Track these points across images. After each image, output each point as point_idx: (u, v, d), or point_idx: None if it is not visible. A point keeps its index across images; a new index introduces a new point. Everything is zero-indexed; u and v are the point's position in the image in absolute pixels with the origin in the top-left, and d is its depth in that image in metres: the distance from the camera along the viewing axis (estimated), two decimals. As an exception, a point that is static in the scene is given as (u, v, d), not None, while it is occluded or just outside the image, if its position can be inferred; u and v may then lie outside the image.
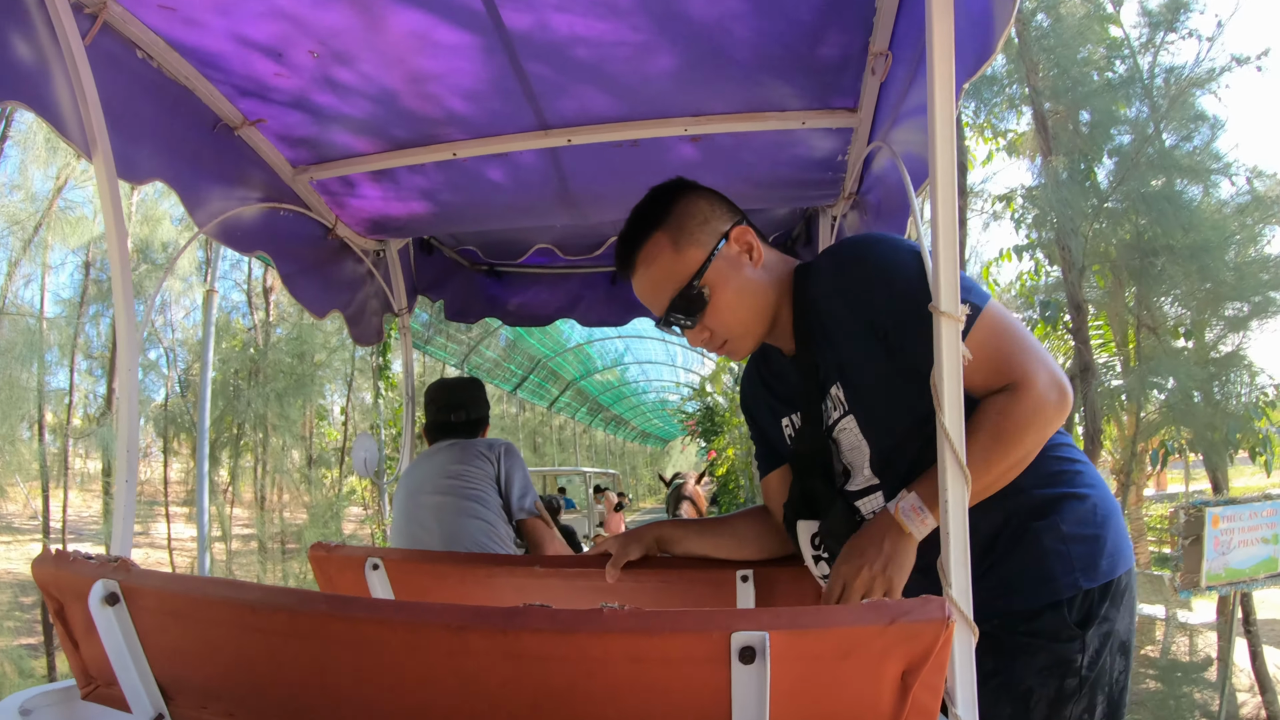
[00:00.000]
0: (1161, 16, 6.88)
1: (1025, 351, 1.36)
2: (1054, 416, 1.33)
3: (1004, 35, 1.32)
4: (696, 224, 1.55)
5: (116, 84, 1.73)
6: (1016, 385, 1.33)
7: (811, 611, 0.97)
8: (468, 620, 0.94)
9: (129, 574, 1.21)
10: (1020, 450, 1.31)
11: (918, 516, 1.30)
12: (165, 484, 12.02)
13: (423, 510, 2.78)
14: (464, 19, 1.73)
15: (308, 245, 2.67)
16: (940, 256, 1.24)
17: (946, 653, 0.97)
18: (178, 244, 10.27)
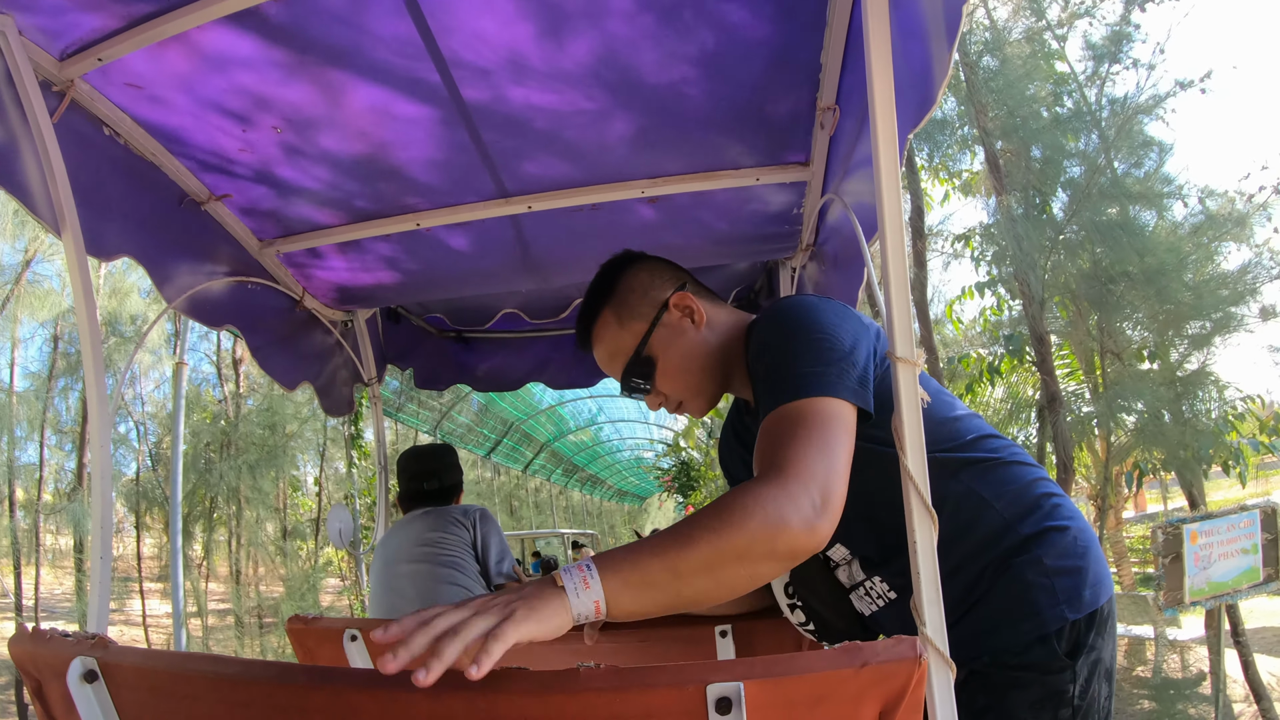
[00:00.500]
0: (1105, 48, 7.07)
1: (811, 446, 1.17)
2: (793, 523, 1.07)
3: (943, 85, 1.35)
4: (637, 297, 1.60)
5: (84, 161, 1.76)
6: (776, 475, 1.12)
7: (784, 659, 0.97)
8: (446, 686, 0.94)
9: (107, 650, 1.19)
10: (733, 538, 1.05)
11: (580, 574, 1.03)
12: (139, 560, 11.79)
13: (400, 579, 2.76)
14: (422, 93, 1.78)
15: (276, 318, 2.68)
16: (893, 304, 1.27)
17: (921, 691, 0.97)
18: (146, 316, 10.21)
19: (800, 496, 1.09)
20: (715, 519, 1.06)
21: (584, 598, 1.01)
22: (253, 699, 1.07)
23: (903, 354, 1.25)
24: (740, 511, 1.06)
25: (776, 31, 1.69)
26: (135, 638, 11.15)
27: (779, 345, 1.34)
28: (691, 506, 16.06)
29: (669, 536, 1.06)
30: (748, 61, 1.77)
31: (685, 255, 2.67)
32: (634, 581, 1.03)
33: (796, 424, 1.20)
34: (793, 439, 1.18)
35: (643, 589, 1.04)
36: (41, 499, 10.34)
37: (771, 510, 1.06)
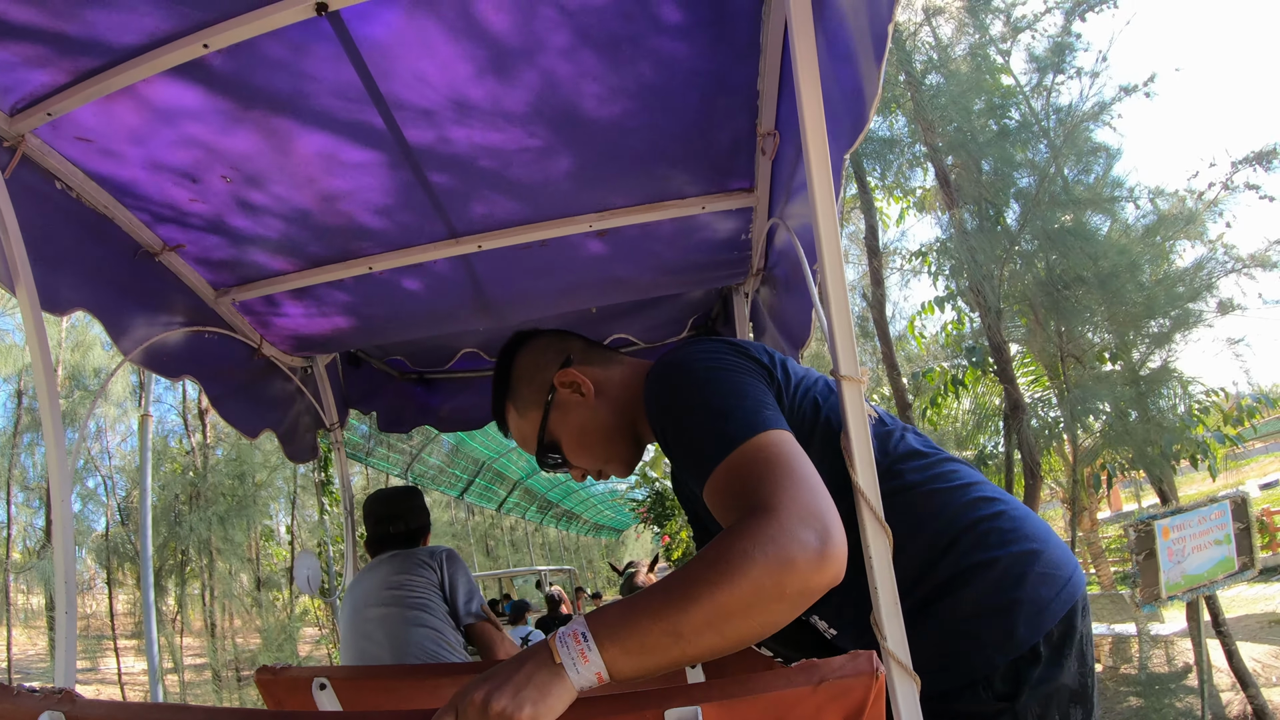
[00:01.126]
0: (1048, 60, 7.18)
1: (779, 480, 1.09)
2: (803, 561, 0.99)
3: (874, 104, 1.36)
4: (526, 385, 1.61)
5: (37, 215, 1.77)
6: (763, 516, 1.03)
7: (741, 681, 0.98)
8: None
9: (74, 705, 1.18)
10: (736, 588, 0.97)
11: (576, 646, 0.98)
12: (112, 616, 11.58)
13: (369, 624, 2.74)
14: (367, 137, 1.80)
15: (234, 366, 2.67)
16: (835, 325, 1.28)
17: (881, 705, 0.97)
18: (109, 369, 10.09)
19: (799, 530, 1.00)
20: (711, 570, 0.99)
21: (584, 672, 0.98)
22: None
23: (846, 372, 1.27)
24: (740, 558, 0.98)
25: (713, 60, 1.71)
26: (112, 695, 10.92)
27: (684, 407, 1.30)
28: (668, 537, 16.00)
29: (664, 594, 1.00)
30: (686, 92, 1.79)
31: (637, 286, 2.73)
32: (633, 649, 0.98)
33: (754, 465, 1.14)
34: (761, 479, 1.10)
35: (644, 655, 0.98)
36: (10, 558, 10.14)
37: (773, 551, 0.98)
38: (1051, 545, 1.35)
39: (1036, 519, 1.40)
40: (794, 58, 1.31)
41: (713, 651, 0.99)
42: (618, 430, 1.57)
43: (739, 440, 1.17)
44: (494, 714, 0.93)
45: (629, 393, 1.57)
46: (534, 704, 0.94)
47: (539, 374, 1.59)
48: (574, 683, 0.98)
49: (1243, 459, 21.89)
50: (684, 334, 3.42)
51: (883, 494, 1.23)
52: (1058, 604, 1.29)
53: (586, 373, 1.57)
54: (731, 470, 1.15)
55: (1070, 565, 1.35)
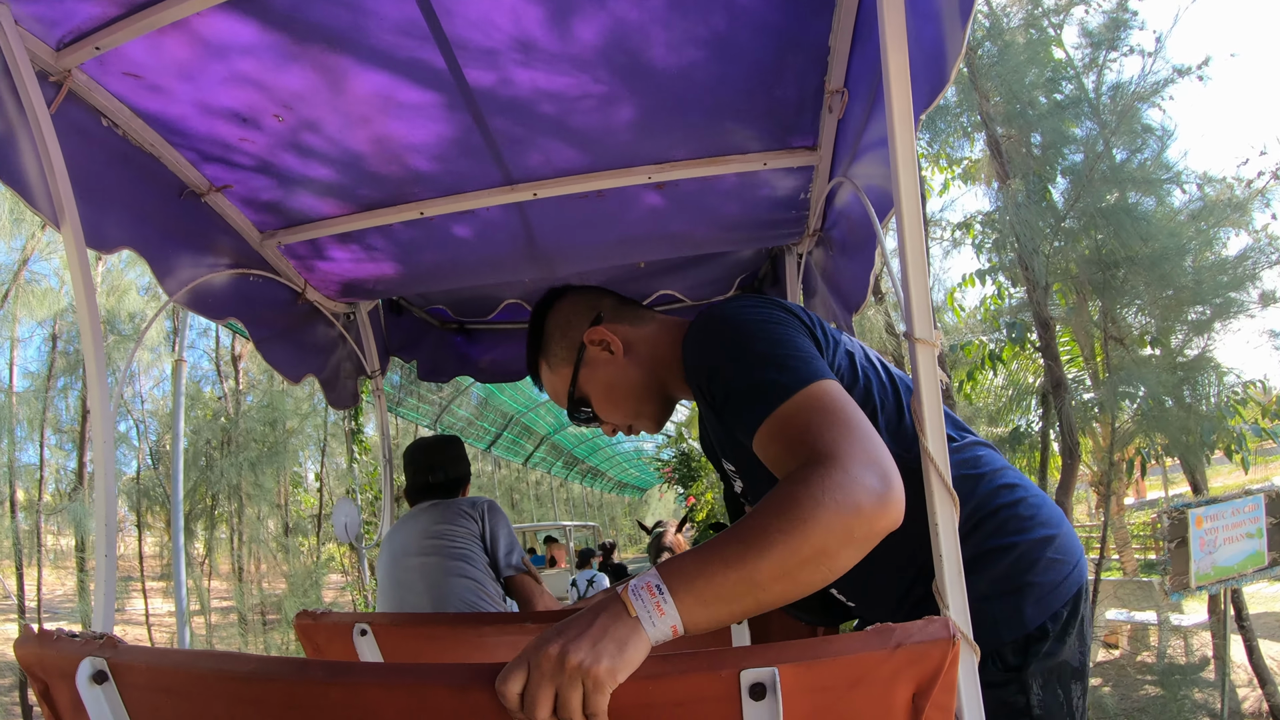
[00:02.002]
0: (1102, 35, 7.04)
1: (845, 433, 1.10)
2: (868, 506, 1.01)
3: (956, 65, 1.36)
4: (558, 341, 1.64)
5: (83, 152, 1.73)
6: (825, 463, 1.05)
7: (817, 643, 0.96)
8: (471, 679, 0.92)
9: (116, 650, 1.18)
10: (819, 545, 0.99)
11: (651, 598, 0.97)
12: (140, 559, 11.79)
13: (409, 572, 2.74)
14: (426, 78, 1.75)
15: (278, 310, 2.66)
16: (911, 284, 1.26)
17: (954, 672, 0.96)
18: (145, 314, 10.18)
19: (864, 477, 1.02)
20: (784, 519, 0.99)
21: (660, 624, 0.96)
22: (269, 696, 1.05)
23: (921, 335, 1.25)
24: (811, 506, 0.99)
25: (785, 14, 1.67)
26: (139, 637, 11.16)
27: (733, 357, 1.30)
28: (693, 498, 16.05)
29: (738, 543, 1.00)
30: (757, 45, 1.74)
31: (691, 242, 2.69)
32: (709, 598, 0.98)
33: (811, 414, 1.15)
34: (821, 428, 1.11)
35: (719, 604, 0.98)
36: (42, 499, 10.32)
37: (841, 498, 1.00)
38: (1064, 531, 1.42)
39: (1052, 504, 1.46)
40: (881, 13, 1.27)
41: (782, 598, 1.00)
42: (647, 388, 1.60)
43: (793, 389, 1.19)
44: (571, 668, 0.91)
45: (660, 350, 1.59)
46: (612, 657, 0.92)
47: (570, 331, 1.62)
48: (650, 636, 0.96)
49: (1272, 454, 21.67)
50: (730, 293, 3.40)
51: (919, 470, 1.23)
52: (1065, 587, 1.36)
53: (617, 330, 1.59)
54: (787, 419, 1.17)
55: (1077, 551, 1.42)
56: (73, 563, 10.64)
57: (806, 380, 1.20)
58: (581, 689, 0.90)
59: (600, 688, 0.90)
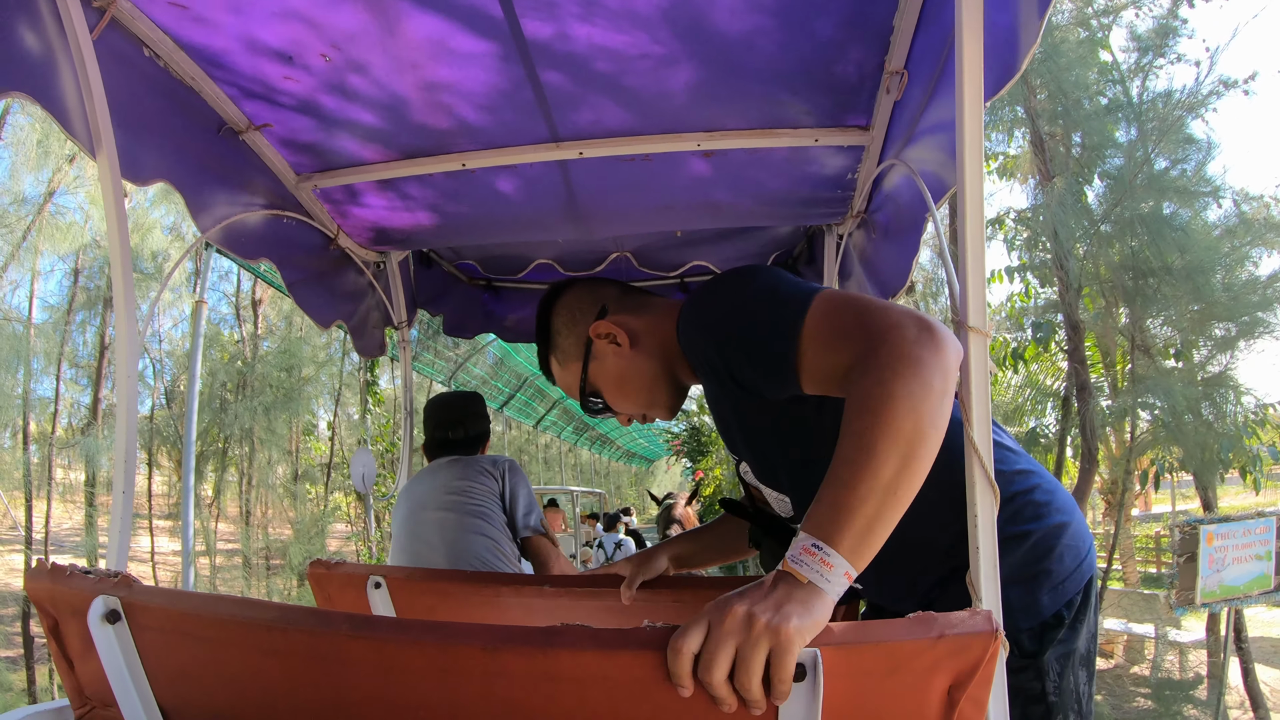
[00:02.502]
0: (1150, 41, 6.96)
1: (865, 313, 1.14)
2: (926, 352, 1.04)
3: (1029, 55, 1.33)
4: (565, 339, 1.66)
5: (122, 82, 1.69)
6: (866, 349, 1.09)
7: (860, 627, 0.94)
8: (502, 640, 0.90)
9: (130, 590, 1.15)
10: (910, 412, 1.01)
11: (814, 558, 0.96)
12: (149, 497, 11.90)
13: (426, 526, 2.74)
14: (482, 26, 1.70)
15: (311, 254, 2.63)
16: (968, 272, 1.25)
17: (993, 666, 0.94)
18: (168, 254, 10.21)
19: (901, 338, 1.05)
20: (868, 417, 1.01)
21: (834, 578, 0.95)
22: (289, 647, 1.02)
23: (975, 323, 1.24)
24: (880, 394, 1.01)
25: None
26: (143, 574, 11.28)
27: (737, 324, 1.31)
28: (701, 472, 16.08)
29: (848, 466, 1.00)
30: (821, 17, 1.70)
31: (733, 213, 2.67)
32: (861, 528, 0.97)
33: (828, 324, 1.19)
34: (842, 329, 1.16)
35: (871, 528, 0.98)
36: (55, 433, 10.40)
37: (901, 367, 1.02)
38: (1077, 518, 1.44)
39: (1064, 492, 1.48)
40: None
41: (914, 489, 1.01)
42: (657, 377, 1.59)
43: (803, 313, 1.21)
44: (759, 626, 0.88)
45: (667, 338, 1.56)
46: (800, 617, 0.90)
47: (576, 326, 1.63)
48: (829, 593, 0.95)
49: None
50: (764, 268, 3.35)
51: (948, 456, 1.17)
52: (1079, 575, 1.39)
53: (622, 322, 1.59)
54: (812, 339, 1.19)
55: (1088, 538, 1.45)
56: (81, 497, 10.73)
57: (808, 299, 1.23)
58: (766, 649, 0.87)
59: (789, 647, 0.87)
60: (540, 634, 0.91)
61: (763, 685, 0.88)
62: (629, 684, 0.92)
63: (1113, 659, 9.16)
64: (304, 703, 1.07)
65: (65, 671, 1.28)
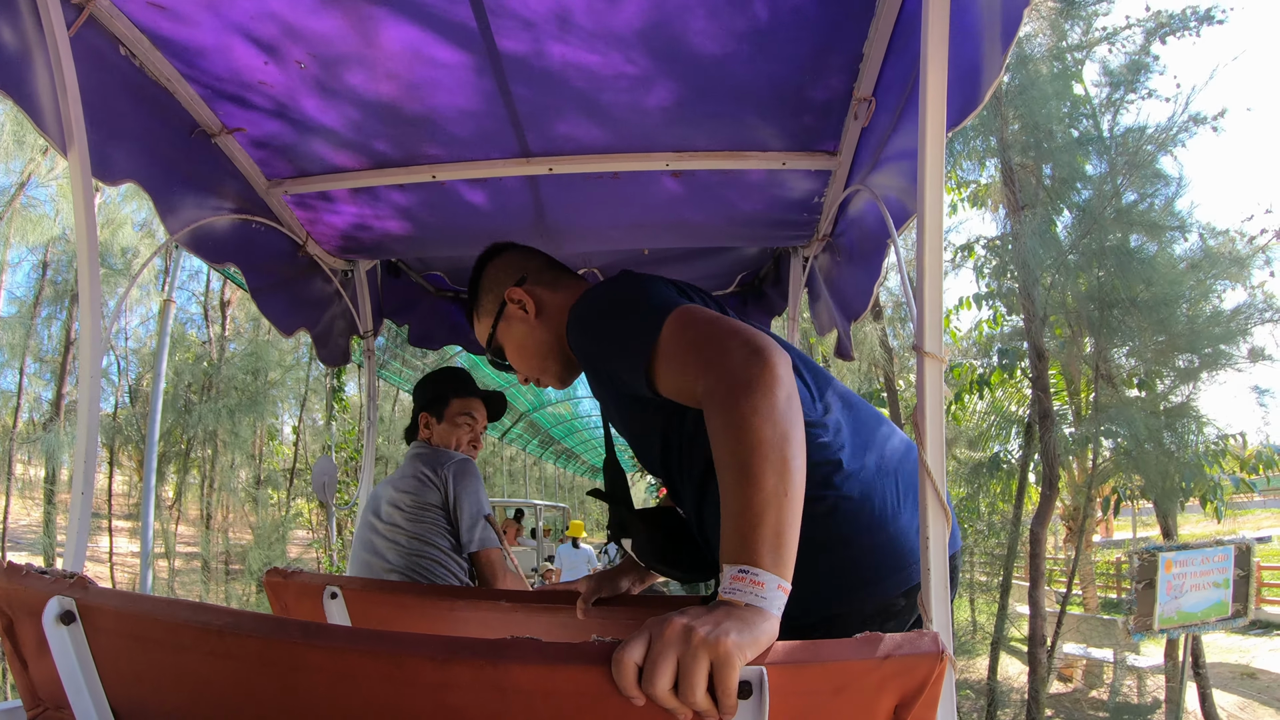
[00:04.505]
0: (1122, 76, 7.08)
1: (704, 340, 1.23)
2: (756, 369, 1.12)
3: (992, 87, 1.36)
4: (486, 294, 1.80)
5: (97, 80, 1.69)
6: (708, 378, 1.17)
7: (807, 646, 0.95)
8: (453, 652, 0.91)
9: (86, 592, 1.14)
10: (764, 423, 1.08)
11: (742, 582, 0.99)
12: (109, 496, 11.70)
13: (376, 538, 2.62)
14: (457, 38, 1.72)
15: (278, 261, 2.62)
16: (925, 298, 1.27)
17: (939, 687, 0.95)
18: (138, 250, 10.08)
19: (735, 363, 1.14)
20: (735, 445, 1.08)
21: (770, 595, 0.99)
22: (242, 652, 1.02)
23: (931, 349, 1.26)
24: (737, 422, 1.09)
25: (825, 15, 1.66)
26: (100, 575, 11.09)
27: (604, 332, 1.42)
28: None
29: (737, 486, 1.05)
30: (795, 42, 1.73)
31: (701, 233, 2.70)
32: (773, 540, 1.02)
33: (679, 340, 1.27)
34: (689, 352, 1.24)
35: (781, 538, 1.02)
36: (16, 428, 10.22)
37: (742, 392, 1.11)
38: (895, 531, 1.43)
39: (884, 504, 1.43)
40: (925, 25, 1.27)
41: (801, 480, 1.07)
42: (551, 349, 1.71)
43: (660, 326, 1.29)
44: (698, 639, 0.90)
45: (564, 320, 1.64)
46: (739, 632, 0.92)
47: (496, 286, 1.77)
48: (769, 609, 0.98)
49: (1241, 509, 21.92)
50: (731, 288, 3.38)
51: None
52: (897, 580, 1.40)
53: (534, 293, 1.71)
54: (664, 351, 1.28)
55: (905, 554, 1.42)
56: (40, 494, 10.54)
57: (664, 315, 1.30)
58: (707, 661, 0.89)
59: (729, 660, 0.89)
60: (489, 646, 0.92)
61: (710, 698, 0.89)
62: (575, 696, 0.92)
63: (1071, 683, 9.24)
64: (256, 708, 1.07)
65: (19, 671, 1.26)
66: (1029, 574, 6.60)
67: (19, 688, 1.29)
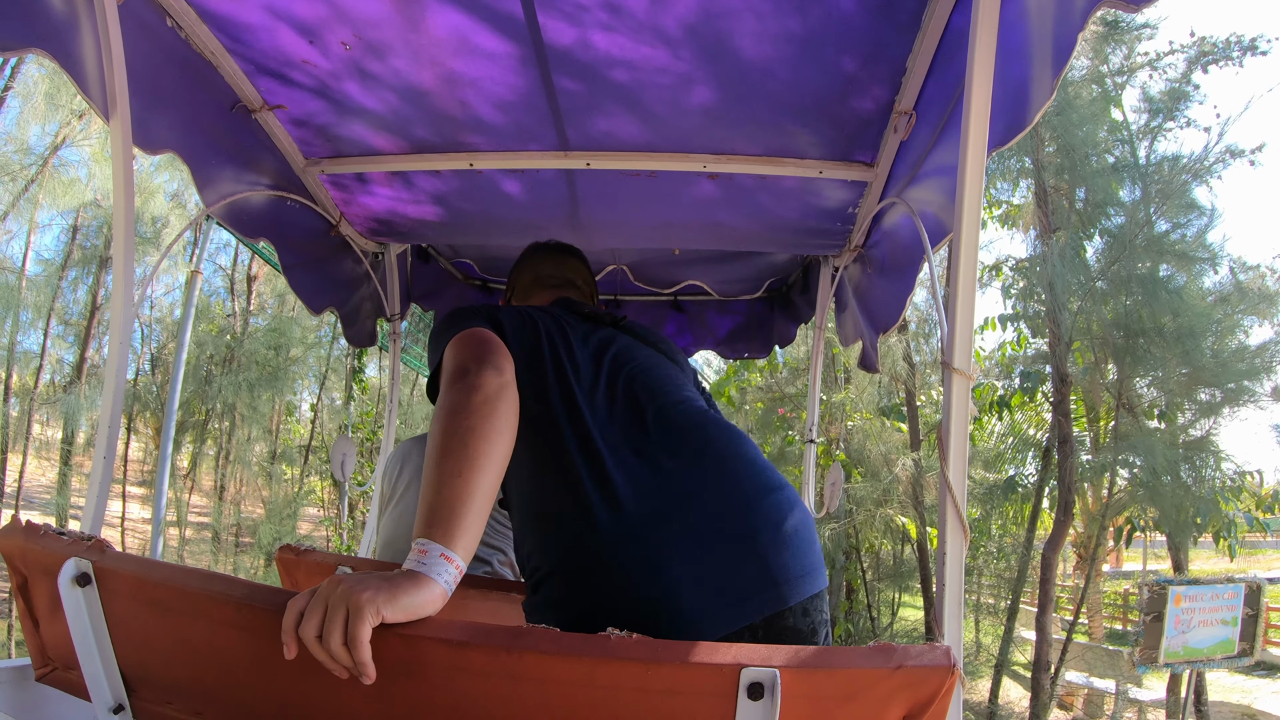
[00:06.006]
0: (1162, 104, 7.02)
1: (447, 356, 1.37)
2: (454, 387, 1.25)
3: (1042, 110, 1.35)
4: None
5: (142, 50, 1.70)
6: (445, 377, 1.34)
7: (822, 652, 0.95)
8: (470, 637, 0.92)
9: (103, 555, 1.14)
10: (440, 418, 1.21)
11: (415, 550, 1.05)
12: (124, 462, 11.79)
13: (388, 520, 2.58)
14: (503, 26, 1.72)
15: (311, 239, 2.63)
16: (957, 315, 1.27)
17: (948, 700, 0.96)
18: (168, 219, 10.15)
19: (447, 380, 1.28)
20: (431, 431, 1.20)
21: (432, 561, 1.03)
22: (259, 625, 1.02)
23: (959, 365, 1.26)
24: (435, 414, 1.23)
25: (873, 26, 1.66)
26: (112, 539, 11.16)
27: (432, 342, 1.55)
28: None
29: (427, 473, 1.13)
30: (840, 52, 1.73)
31: (733, 237, 2.71)
32: (437, 512, 1.08)
33: (449, 354, 1.36)
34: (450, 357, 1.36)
35: (441, 511, 1.08)
36: (37, 389, 10.32)
37: (440, 401, 1.25)
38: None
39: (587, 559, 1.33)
40: (971, 42, 1.28)
41: (477, 466, 1.13)
42: None
43: (447, 343, 1.40)
44: (340, 592, 0.96)
45: None
46: (377, 591, 0.96)
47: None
48: (431, 575, 1.02)
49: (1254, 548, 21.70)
50: (758, 294, 3.39)
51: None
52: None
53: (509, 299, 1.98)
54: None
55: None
56: (57, 455, 10.64)
57: (453, 335, 1.41)
58: (344, 612, 0.94)
59: (359, 613, 0.93)
60: (506, 633, 0.93)
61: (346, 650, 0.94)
62: (589, 688, 0.93)
63: (1072, 711, 9.19)
64: (267, 681, 1.07)
65: (30, 631, 1.27)
66: (1037, 599, 6.56)
67: (29, 646, 1.30)
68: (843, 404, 8.33)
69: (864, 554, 9.01)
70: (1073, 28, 1.20)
